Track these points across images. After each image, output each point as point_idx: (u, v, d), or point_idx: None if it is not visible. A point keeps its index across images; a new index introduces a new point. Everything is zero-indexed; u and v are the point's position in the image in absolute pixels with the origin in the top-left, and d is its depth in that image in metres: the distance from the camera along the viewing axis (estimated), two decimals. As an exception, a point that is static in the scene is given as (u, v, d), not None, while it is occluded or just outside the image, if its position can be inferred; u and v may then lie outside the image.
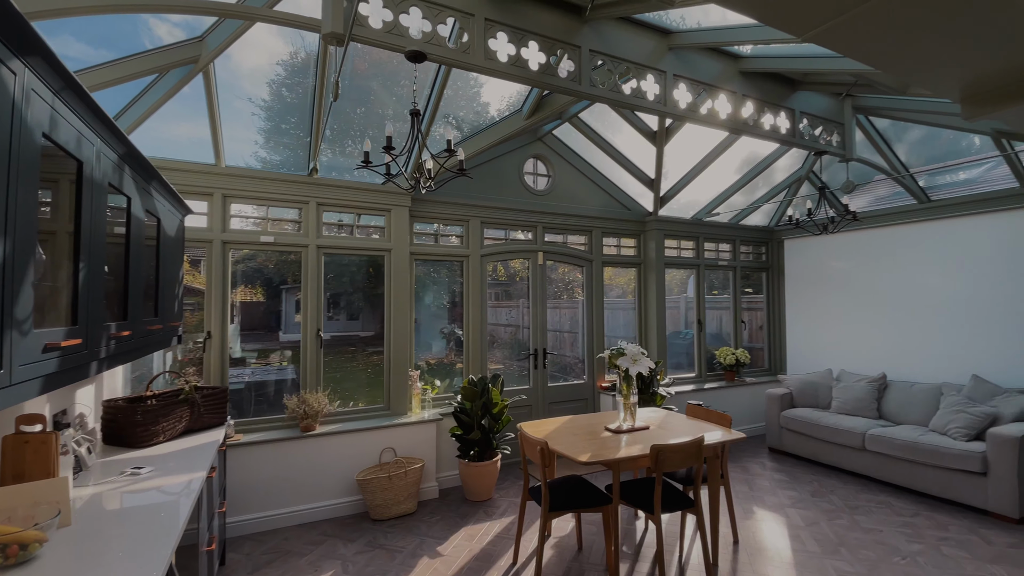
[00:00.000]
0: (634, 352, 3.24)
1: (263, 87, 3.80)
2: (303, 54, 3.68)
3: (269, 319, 6.22)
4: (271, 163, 4.12)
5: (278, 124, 4.16)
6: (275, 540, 3.41)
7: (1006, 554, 3.18)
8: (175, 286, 2.87)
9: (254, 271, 6.58)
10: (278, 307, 6.56)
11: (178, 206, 2.86)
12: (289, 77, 3.84)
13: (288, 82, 3.89)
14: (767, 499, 4.12)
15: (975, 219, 4.73)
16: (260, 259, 6.41)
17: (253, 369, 5.84)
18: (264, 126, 4.11)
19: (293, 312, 6.77)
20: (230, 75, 3.66)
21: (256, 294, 6.50)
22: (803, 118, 4.21)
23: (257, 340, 6.14)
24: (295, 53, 3.71)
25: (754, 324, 6.74)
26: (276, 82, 3.87)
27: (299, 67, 3.76)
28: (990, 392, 4.23)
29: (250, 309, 6.63)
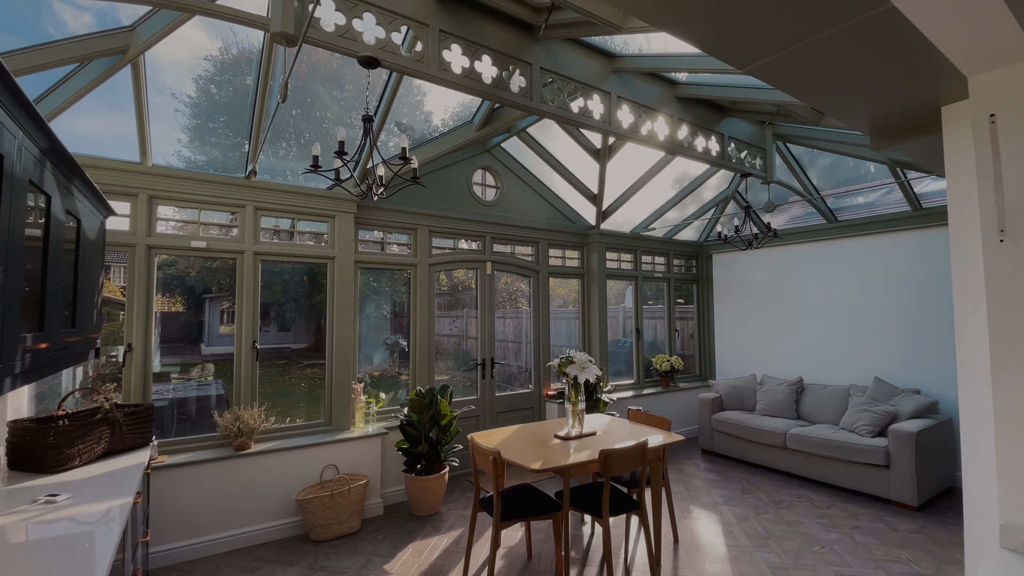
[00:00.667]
0: (582, 360, 3.34)
1: (188, 82, 3.56)
2: (235, 51, 3.51)
3: (190, 331, 5.78)
4: (196, 163, 3.87)
5: (205, 123, 3.92)
6: (205, 569, 3.16)
7: (909, 539, 3.56)
8: (94, 294, 2.62)
9: (173, 279, 6.10)
10: (200, 318, 6.12)
11: (100, 207, 2.63)
12: (219, 74, 3.64)
13: (217, 79, 3.69)
14: (702, 498, 4.35)
15: (875, 238, 5.31)
16: (180, 266, 5.97)
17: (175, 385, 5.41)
18: (189, 124, 3.86)
19: (218, 323, 6.33)
20: (148, 67, 3.42)
21: (175, 303, 6.02)
22: (731, 142, 4.56)
23: (176, 353, 5.68)
24: (225, 49, 3.52)
25: (685, 332, 7.14)
26: (204, 78, 3.66)
27: (230, 64, 3.58)
28: (890, 392, 4.74)
29: (169, 320, 6.12)
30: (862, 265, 5.39)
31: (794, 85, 1.79)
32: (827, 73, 1.75)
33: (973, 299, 1.75)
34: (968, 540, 1.82)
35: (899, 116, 1.94)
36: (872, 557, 3.29)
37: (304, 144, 4.11)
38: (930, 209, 4.85)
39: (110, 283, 6.02)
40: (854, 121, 2.03)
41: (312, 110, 4.04)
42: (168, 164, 3.59)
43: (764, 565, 3.19)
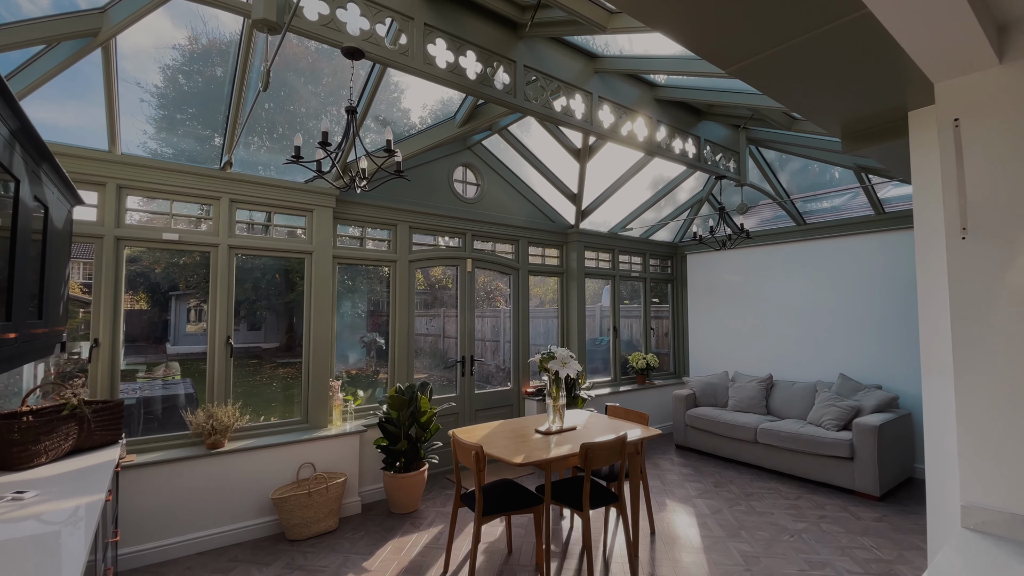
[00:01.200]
0: (564, 355, 3.37)
1: (153, 72, 3.46)
2: (205, 40, 3.42)
3: (154, 329, 5.58)
4: (164, 155, 3.75)
5: (172, 113, 3.80)
6: (176, 571, 3.06)
7: (872, 527, 3.72)
8: (61, 286, 2.51)
9: (137, 275, 5.88)
10: (166, 316, 5.92)
11: (68, 195, 2.52)
12: (187, 64, 3.54)
13: (186, 69, 3.59)
14: (677, 492, 4.45)
15: (840, 240, 5.53)
16: (145, 261, 5.77)
17: (141, 384, 5.22)
18: (156, 115, 3.74)
19: (184, 321, 6.14)
20: None
21: (139, 301, 5.80)
22: (706, 145, 4.68)
23: (139, 353, 5.47)
24: (195, 39, 3.43)
25: (660, 331, 7.28)
26: (172, 68, 3.55)
27: (200, 54, 3.49)
28: (854, 388, 4.94)
29: (132, 318, 5.89)
30: (828, 266, 5.60)
31: (773, 87, 1.86)
32: (804, 76, 1.83)
33: (936, 294, 1.84)
34: (931, 522, 1.93)
35: (869, 120, 2.04)
36: (838, 544, 3.43)
37: (278, 138, 4.03)
38: (892, 213, 5.08)
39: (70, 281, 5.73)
40: (827, 124, 2.12)
41: (286, 104, 3.97)
42: (133, 154, 3.46)
43: (737, 554, 3.29)
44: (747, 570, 3.09)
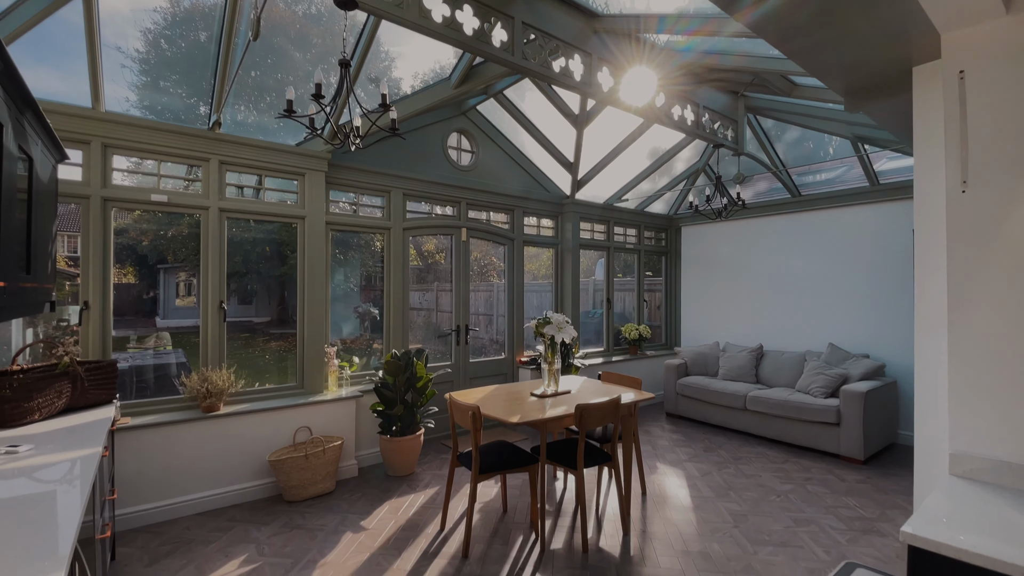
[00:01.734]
0: (559, 320, 3.38)
1: (132, 37, 3.34)
2: (187, 3, 3.30)
3: (144, 303, 5.52)
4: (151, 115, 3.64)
5: (155, 80, 3.68)
6: (175, 530, 3.10)
7: (855, 488, 3.84)
8: (48, 243, 2.45)
9: (124, 248, 5.79)
10: (154, 290, 5.85)
11: (52, 148, 2.44)
12: (169, 28, 3.42)
13: (168, 34, 3.47)
14: (667, 456, 4.54)
15: (834, 211, 5.55)
16: (132, 233, 5.67)
17: (132, 353, 5.19)
18: (137, 81, 3.61)
19: (174, 296, 6.06)
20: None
21: (127, 275, 5.72)
22: (705, 112, 4.63)
23: (129, 326, 5.42)
24: (176, 1, 3.31)
25: (653, 303, 7.33)
26: (154, 32, 3.44)
27: (182, 18, 3.37)
28: (843, 357, 5.03)
29: (120, 292, 5.80)
30: (822, 238, 5.63)
31: (781, 37, 1.82)
32: (813, 25, 1.79)
33: (933, 251, 1.86)
34: (918, 475, 1.99)
35: (873, 76, 2.02)
36: (823, 504, 3.54)
37: (265, 108, 3.92)
38: (887, 185, 5.08)
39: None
40: (830, 78, 2.09)
41: (274, 71, 3.85)
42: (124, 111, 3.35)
43: (726, 512, 3.39)
44: (735, 527, 3.19)
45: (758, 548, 2.93)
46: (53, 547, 1.16)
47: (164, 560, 2.75)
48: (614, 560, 2.79)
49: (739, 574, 2.66)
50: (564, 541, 3.00)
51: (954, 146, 1.61)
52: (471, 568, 2.70)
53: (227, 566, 2.71)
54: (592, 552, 2.88)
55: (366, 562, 2.75)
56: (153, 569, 2.67)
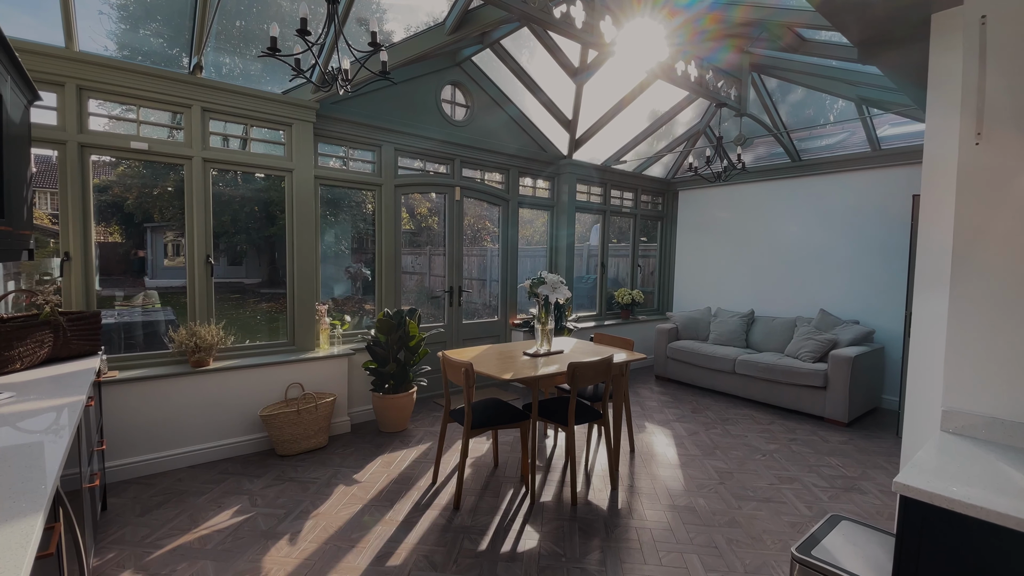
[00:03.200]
0: (554, 280, 3.34)
1: None
2: None
3: (131, 263, 5.39)
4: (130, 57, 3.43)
5: (135, 27, 3.46)
6: (167, 482, 3.11)
7: (839, 448, 3.93)
8: (23, 187, 2.34)
9: (109, 206, 5.61)
10: (142, 249, 5.70)
11: (24, 88, 2.30)
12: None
13: None
14: (656, 416, 4.62)
15: (834, 177, 5.47)
16: (115, 190, 5.48)
17: (119, 311, 5.11)
18: (116, 29, 3.39)
19: (162, 255, 5.93)
20: None
21: (112, 233, 5.55)
22: (709, 69, 4.47)
23: (116, 286, 5.30)
24: None
25: (647, 270, 7.30)
26: None
27: None
28: (833, 323, 5.07)
29: (107, 251, 5.67)
30: (820, 204, 5.58)
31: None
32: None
33: (940, 207, 1.81)
34: (907, 431, 2.01)
35: (890, 21, 1.92)
36: (806, 463, 3.62)
37: (251, 60, 3.71)
38: (889, 150, 5.00)
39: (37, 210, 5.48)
40: (846, 25, 1.99)
41: (260, 21, 3.62)
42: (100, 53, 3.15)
43: (712, 470, 3.46)
44: (720, 483, 3.26)
45: (742, 503, 3.00)
46: (34, 490, 1.13)
47: (156, 510, 2.77)
48: (602, 513, 2.85)
49: (723, 527, 2.73)
50: (553, 495, 3.06)
51: (971, 95, 1.54)
52: (462, 519, 2.75)
53: (220, 515, 2.73)
54: (581, 505, 2.94)
55: (358, 512, 2.79)
56: (145, 518, 2.69)
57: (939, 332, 1.83)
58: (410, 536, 2.58)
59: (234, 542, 2.50)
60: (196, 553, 2.40)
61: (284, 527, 2.64)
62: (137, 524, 2.64)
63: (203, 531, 2.59)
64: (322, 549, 2.45)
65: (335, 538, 2.55)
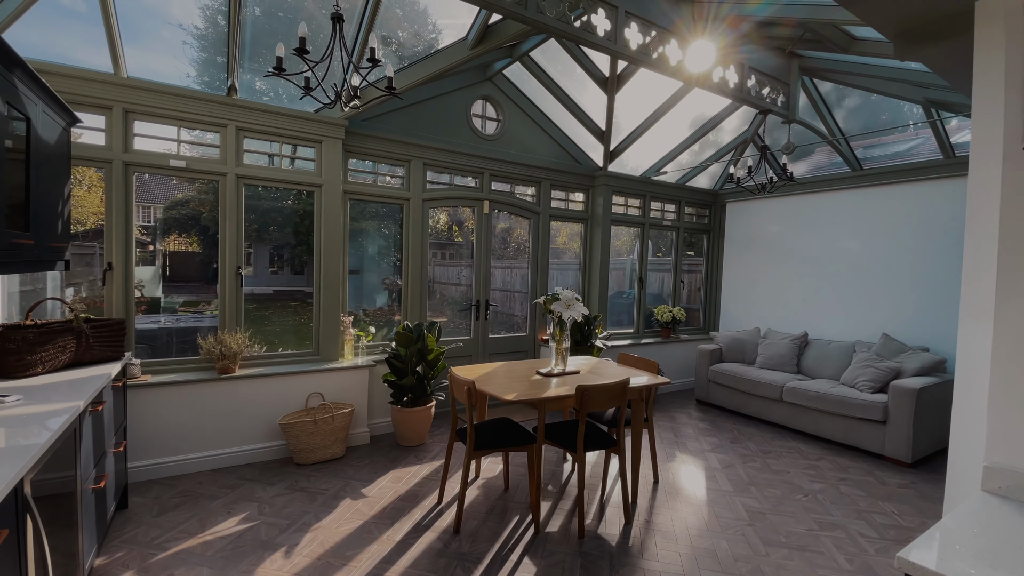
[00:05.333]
0: (568, 297, 3.20)
1: (195, 14, 3.44)
2: None
3: (205, 271, 5.77)
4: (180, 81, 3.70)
5: (213, 56, 3.72)
6: (188, 484, 3.24)
7: (896, 492, 3.47)
8: (59, 203, 2.53)
9: (188, 218, 6.06)
10: (215, 258, 6.12)
11: (59, 111, 2.49)
12: (225, 4, 3.43)
13: (225, 10, 3.48)
14: (690, 445, 4.30)
15: (899, 187, 4.95)
16: (193, 204, 5.91)
17: (179, 316, 5.47)
18: (198, 57, 3.68)
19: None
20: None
21: (192, 244, 6.00)
22: (752, 74, 4.19)
23: (192, 292, 5.71)
24: None
25: (693, 286, 6.93)
26: (211, 8, 3.49)
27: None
28: (897, 349, 4.54)
29: (184, 259, 6.12)
30: (883, 216, 5.06)
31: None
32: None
33: (988, 222, 1.54)
34: (949, 487, 1.70)
35: (929, 11, 1.67)
36: (855, 507, 3.22)
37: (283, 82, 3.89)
38: (964, 157, 4.46)
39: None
40: (880, 17, 1.75)
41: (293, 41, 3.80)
42: (143, 77, 3.39)
43: (742, 508, 3.15)
44: (749, 524, 2.96)
45: (771, 550, 2.69)
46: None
47: (171, 512, 2.87)
48: (610, 549, 2.65)
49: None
50: (561, 525, 2.89)
51: (1016, 93, 1.29)
52: (460, 544, 2.65)
53: (227, 522, 2.79)
54: (588, 538, 2.75)
55: (357, 529, 2.75)
56: (159, 520, 2.79)
57: (987, 370, 1.54)
58: (403, 559, 2.50)
59: (234, 550, 2.53)
60: (196, 558, 2.45)
61: (284, 538, 2.64)
62: (150, 525, 2.74)
63: (208, 536, 2.64)
64: (314, 565, 2.42)
65: (329, 554, 2.52)
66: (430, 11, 4.08)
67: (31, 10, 2.70)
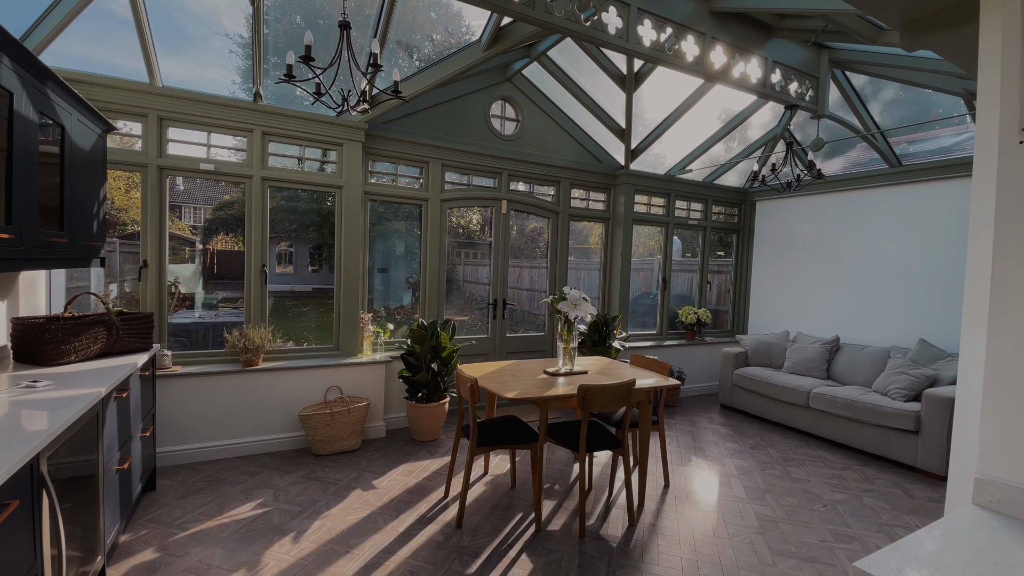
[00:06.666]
0: (575, 297, 3.20)
1: (240, 23, 3.64)
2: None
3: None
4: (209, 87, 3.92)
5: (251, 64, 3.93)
6: (212, 470, 3.42)
7: (925, 507, 3.29)
8: (94, 204, 2.73)
9: (236, 219, 6.37)
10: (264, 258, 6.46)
11: (93, 119, 2.68)
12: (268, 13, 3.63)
13: (267, 19, 3.67)
14: (708, 450, 4.20)
15: (940, 184, 4.67)
16: (237, 206, 6.21)
17: (218, 312, 5.77)
18: (242, 65, 3.89)
19: (275, 263, 6.65)
20: (206, 10, 3.59)
21: (239, 243, 6.34)
22: (776, 68, 4.06)
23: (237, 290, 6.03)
24: None
25: (722, 287, 6.75)
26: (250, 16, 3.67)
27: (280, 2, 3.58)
28: (934, 356, 4.29)
29: (227, 258, 6.45)
30: (921, 216, 4.78)
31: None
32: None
33: (986, 219, 1.46)
34: (949, 499, 1.61)
35: (933, 5, 1.58)
36: (877, 520, 3.07)
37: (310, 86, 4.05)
38: (1013, 150, 4.16)
39: (179, 222, 6.46)
40: (883, 9, 1.67)
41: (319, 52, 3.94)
42: (176, 86, 3.60)
43: (753, 516, 3.06)
44: (759, 533, 2.87)
45: (780, 560, 2.61)
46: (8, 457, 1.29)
47: (194, 495, 3.05)
48: (610, 550, 2.64)
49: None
50: (563, 524, 2.89)
51: (1012, 83, 1.22)
52: (460, 538, 2.69)
53: (244, 506, 2.93)
54: (590, 539, 2.74)
55: (364, 519, 2.84)
56: (182, 501, 2.97)
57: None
58: (404, 549, 2.57)
59: (247, 533, 2.66)
60: (212, 539, 2.59)
61: (294, 524, 2.76)
62: (174, 506, 2.92)
63: (225, 519, 2.79)
64: (319, 551, 2.52)
65: (335, 541, 2.61)
66: (464, 14, 4.14)
67: (75, 23, 2.92)
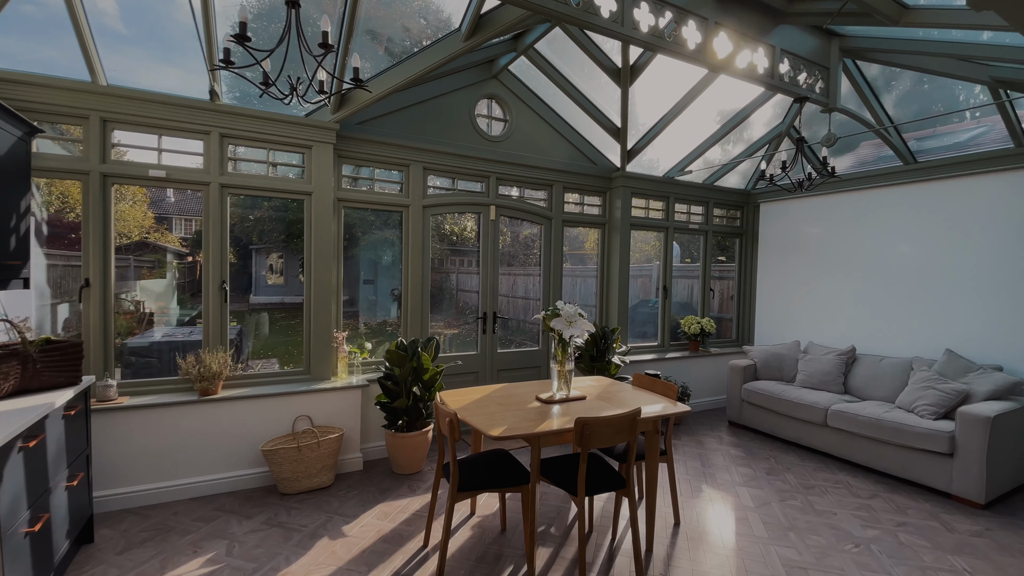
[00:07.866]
0: (570, 313, 2.82)
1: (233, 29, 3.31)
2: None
3: (241, 281, 5.72)
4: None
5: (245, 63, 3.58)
6: (162, 515, 3.01)
7: (968, 543, 2.91)
8: (11, 218, 2.35)
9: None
10: (249, 269, 6.11)
11: (10, 121, 2.31)
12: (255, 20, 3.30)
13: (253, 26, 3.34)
14: (719, 476, 3.82)
15: (961, 181, 4.34)
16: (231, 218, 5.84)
17: (191, 329, 5.35)
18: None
19: (264, 274, 6.29)
20: None
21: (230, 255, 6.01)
22: (784, 57, 3.72)
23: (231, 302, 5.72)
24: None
25: (726, 294, 6.39)
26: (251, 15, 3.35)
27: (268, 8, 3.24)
28: (963, 368, 3.93)
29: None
30: (943, 214, 4.44)
31: None
32: None
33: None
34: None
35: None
36: (918, 563, 2.69)
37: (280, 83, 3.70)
38: (1043, 143, 3.84)
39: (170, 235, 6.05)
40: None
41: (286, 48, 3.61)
42: (123, 84, 3.23)
43: (778, 562, 2.67)
44: (787, 585, 2.48)
45: (814, 621, 2.22)
46: None
47: (136, 548, 2.64)
48: (615, 613, 2.24)
49: (779, 659, 2.00)
50: (561, 578, 2.50)
51: None
52: (440, 602, 2.30)
53: (190, 563, 2.53)
54: (591, 598, 2.35)
55: (328, 578, 2.45)
56: (121, 558, 2.56)
57: None
58: (372, 619, 2.17)
59: (188, 601, 2.26)
60: (144, 611, 2.19)
61: (245, 588, 2.36)
62: (110, 563, 2.51)
63: (165, 582, 2.39)
64: (270, 624, 2.12)
65: (291, 610, 2.21)
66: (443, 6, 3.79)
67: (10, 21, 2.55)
